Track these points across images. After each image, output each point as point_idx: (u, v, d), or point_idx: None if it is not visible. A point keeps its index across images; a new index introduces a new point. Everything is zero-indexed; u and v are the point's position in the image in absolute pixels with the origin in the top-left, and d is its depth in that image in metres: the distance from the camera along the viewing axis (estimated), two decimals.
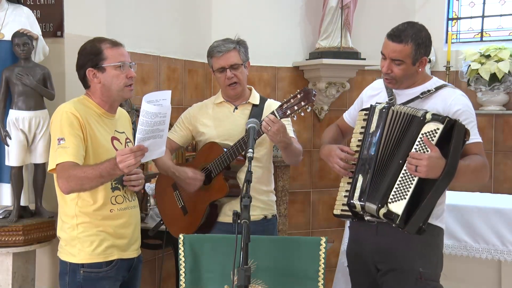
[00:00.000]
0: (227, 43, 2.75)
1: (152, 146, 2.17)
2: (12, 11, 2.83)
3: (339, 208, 2.39)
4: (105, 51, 2.34)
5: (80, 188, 2.25)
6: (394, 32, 2.33)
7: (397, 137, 2.29)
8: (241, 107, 2.82)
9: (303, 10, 4.77)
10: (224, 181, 2.69)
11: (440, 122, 2.18)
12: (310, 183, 4.91)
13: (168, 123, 2.18)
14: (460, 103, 2.33)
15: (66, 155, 2.22)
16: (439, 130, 2.17)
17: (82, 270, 2.31)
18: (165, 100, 2.13)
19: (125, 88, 2.37)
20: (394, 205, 2.20)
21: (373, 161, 2.31)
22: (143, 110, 2.07)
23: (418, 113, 2.24)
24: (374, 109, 2.37)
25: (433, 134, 2.18)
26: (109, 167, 2.18)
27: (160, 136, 2.18)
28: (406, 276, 2.33)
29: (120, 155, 2.13)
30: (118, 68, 2.34)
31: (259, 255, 2.21)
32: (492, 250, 3.51)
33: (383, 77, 2.42)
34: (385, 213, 2.21)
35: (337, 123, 2.75)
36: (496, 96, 4.63)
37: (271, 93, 4.64)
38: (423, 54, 2.34)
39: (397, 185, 2.21)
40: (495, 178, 4.64)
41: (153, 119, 2.09)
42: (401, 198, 2.19)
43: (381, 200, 2.23)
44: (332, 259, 4.01)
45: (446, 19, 5.09)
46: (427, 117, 2.20)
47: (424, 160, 2.13)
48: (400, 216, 2.17)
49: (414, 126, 2.23)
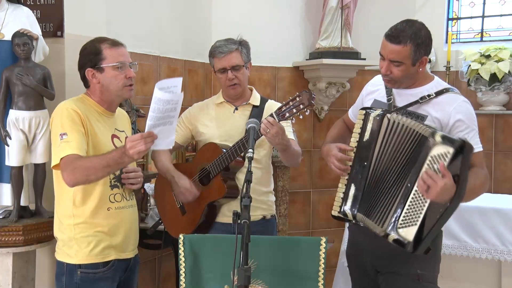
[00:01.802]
0: (229, 44, 2.74)
1: (162, 134, 2.16)
2: (12, 11, 2.83)
3: (336, 210, 2.36)
4: (104, 51, 2.34)
5: (85, 180, 2.23)
6: (392, 32, 2.25)
7: (397, 150, 2.20)
8: (242, 108, 2.82)
9: (303, 10, 4.77)
10: (223, 182, 2.69)
11: (451, 146, 2.04)
12: (310, 183, 4.91)
13: (179, 110, 2.17)
14: (461, 111, 2.25)
15: (69, 148, 2.22)
16: (450, 155, 2.04)
17: (80, 271, 2.31)
18: (176, 87, 2.12)
19: (124, 88, 2.37)
20: (405, 231, 2.12)
21: (366, 171, 2.26)
22: (155, 97, 2.05)
23: (425, 131, 2.11)
24: (369, 116, 2.30)
25: (443, 158, 2.05)
26: (117, 155, 2.17)
27: (170, 123, 2.16)
28: (404, 278, 2.32)
29: (130, 141, 2.12)
30: (117, 68, 2.34)
31: (259, 255, 2.21)
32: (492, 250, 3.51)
33: (383, 78, 2.37)
34: (395, 239, 2.14)
35: (343, 119, 2.72)
36: (496, 96, 4.63)
37: (271, 93, 4.64)
38: (423, 54, 2.26)
39: (407, 210, 2.13)
40: (495, 178, 4.64)
41: (165, 106, 2.08)
42: (412, 224, 2.11)
43: (389, 224, 2.16)
44: (332, 259, 4.01)
45: (446, 19, 5.09)
46: (437, 140, 2.06)
47: (440, 182, 2.00)
48: (411, 243, 2.11)
49: (421, 147, 2.11)
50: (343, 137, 2.58)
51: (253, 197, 2.01)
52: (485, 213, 3.55)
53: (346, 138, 2.55)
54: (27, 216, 2.86)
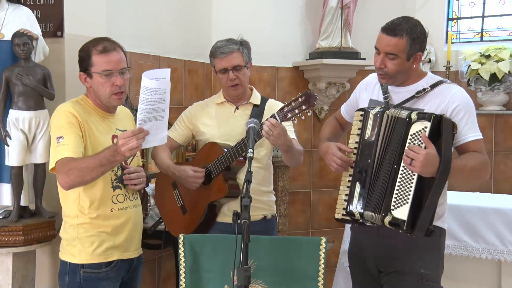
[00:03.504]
0: (230, 44, 2.74)
1: (154, 130, 2.15)
2: (12, 11, 2.83)
3: (340, 213, 2.37)
4: (93, 57, 2.31)
5: (81, 181, 2.22)
6: (389, 25, 2.29)
7: (392, 142, 2.24)
8: (242, 107, 2.82)
9: (303, 10, 4.77)
10: (224, 182, 2.68)
11: (426, 120, 2.14)
12: (310, 183, 4.91)
13: (168, 102, 2.15)
14: (458, 99, 2.28)
15: (65, 151, 2.23)
16: (427, 128, 2.13)
17: (82, 270, 2.32)
18: (164, 78, 2.11)
19: (112, 97, 2.34)
20: (398, 211, 2.16)
21: (370, 168, 2.28)
22: (142, 86, 2.05)
23: (402, 114, 2.21)
24: (368, 114, 2.33)
25: (421, 133, 2.14)
26: (109, 154, 2.17)
27: (161, 117, 2.16)
28: (407, 277, 2.32)
29: (122, 138, 2.11)
30: (104, 76, 2.30)
31: (259, 255, 2.21)
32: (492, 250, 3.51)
33: (377, 72, 2.38)
34: (390, 221, 2.18)
35: (335, 117, 2.73)
36: (496, 96, 4.63)
37: (271, 93, 4.64)
38: (418, 50, 2.29)
39: (397, 190, 2.18)
40: (495, 178, 4.64)
41: (153, 96, 2.07)
42: (403, 203, 2.15)
43: (384, 209, 2.20)
44: (332, 259, 4.01)
45: (446, 19, 5.09)
46: (413, 118, 2.17)
47: (422, 155, 2.08)
48: (406, 222, 2.13)
49: (401, 128, 2.19)
50: (336, 135, 2.63)
51: (253, 197, 2.01)
52: (485, 213, 3.55)
53: (339, 135, 2.57)
54: (27, 216, 2.86)
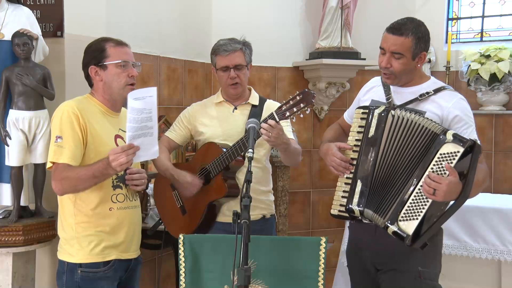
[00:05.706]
0: (233, 43, 2.75)
1: (144, 145, 2.19)
2: (12, 11, 2.83)
3: (336, 208, 2.37)
4: (108, 49, 2.37)
5: (74, 190, 2.28)
6: (394, 25, 2.31)
7: (404, 145, 2.24)
8: (241, 107, 2.82)
9: (303, 10, 4.77)
10: (223, 181, 2.69)
11: (461, 145, 2.09)
12: (310, 183, 4.91)
13: (156, 120, 2.20)
14: (458, 108, 2.30)
15: (61, 156, 2.25)
16: (459, 154, 2.08)
17: (80, 270, 2.32)
18: (151, 97, 2.15)
19: (127, 87, 2.38)
20: (405, 224, 2.16)
21: (373, 167, 2.28)
22: (129, 106, 2.11)
23: (436, 128, 2.16)
24: (373, 112, 2.32)
25: (452, 156, 2.09)
26: (102, 167, 2.20)
27: (150, 134, 2.19)
28: (405, 275, 2.33)
29: (113, 154, 2.15)
30: (120, 66, 2.36)
31: (259, 255, 2.21)
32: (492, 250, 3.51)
33: (382, 72, 2.38)
34: (394, 231, 2.18)
35: (338, 122, 2.74)
36: (496, 96, 4.63)
37: (271, 93, 4.64)
38: (423, 49, 2.31)
39: (410, 203, 2.16)
40: (495, 178, 4.63)
41: (139, 115, 2.12)
42: (413, 218, 2.15)
43: (391, 217, 2.20)
44: (332, 259, 4.01)
45: (446, 19, 5.09)
46: (448, 138, 2.12)
47: (444, 185, 2.04)
48: (410, 237, 2.14)
49: (429, 141, 2.16)
50: (339, 139, 2.61)
51: (252, 196, 2.02)
52: (485, 213, 3.55)
53: (342, 140, 2.57)
54: (27, 216, 2.86)
